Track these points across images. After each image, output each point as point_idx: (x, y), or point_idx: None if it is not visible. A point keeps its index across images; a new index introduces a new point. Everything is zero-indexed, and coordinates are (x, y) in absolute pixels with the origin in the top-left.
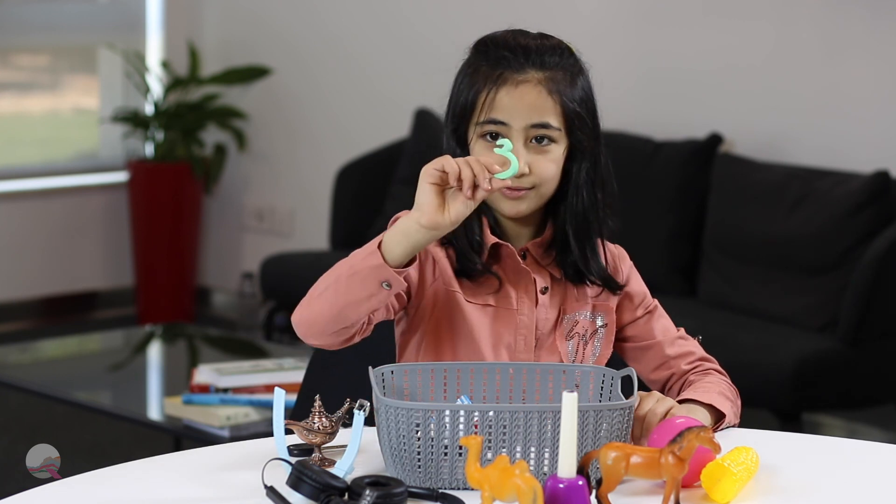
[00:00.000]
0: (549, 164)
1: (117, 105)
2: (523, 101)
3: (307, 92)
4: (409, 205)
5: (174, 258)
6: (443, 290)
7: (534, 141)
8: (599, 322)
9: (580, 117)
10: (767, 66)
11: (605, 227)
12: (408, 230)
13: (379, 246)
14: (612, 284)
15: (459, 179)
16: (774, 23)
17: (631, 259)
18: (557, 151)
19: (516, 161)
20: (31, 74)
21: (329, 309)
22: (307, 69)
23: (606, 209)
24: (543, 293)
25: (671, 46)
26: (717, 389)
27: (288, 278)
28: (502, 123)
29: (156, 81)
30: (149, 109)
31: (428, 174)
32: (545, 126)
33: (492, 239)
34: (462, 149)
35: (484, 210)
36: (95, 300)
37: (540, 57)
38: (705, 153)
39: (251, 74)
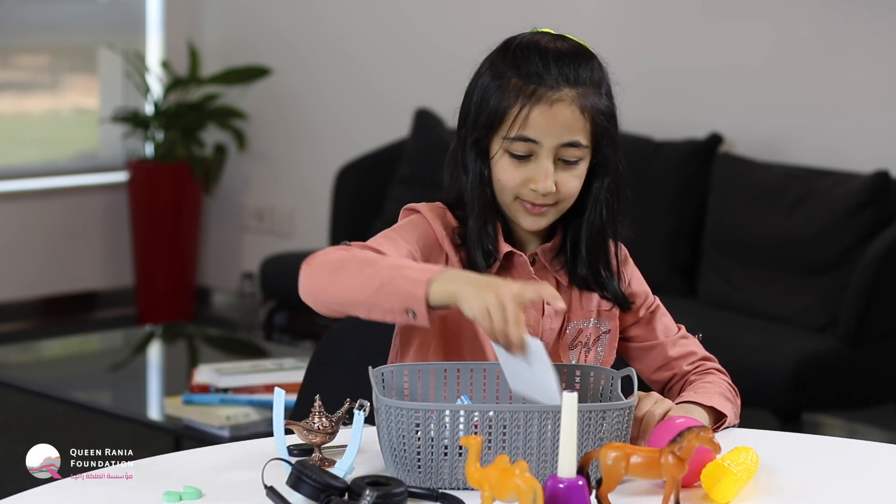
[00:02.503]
0: (575, 180)
1: (117, 105)
2: (557, 121)
3: (307, 92)
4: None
5: (174, 258)
6: None
7: (562, 158)
8: (603, 328)
9: (607, 132)
10: (767, 66)
11: (620, 235)
12: (446, 290)
13: (428, 282)
14: (623, 304)
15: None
16: (774, 23)
17: (631, 258)
18: (583, 167)
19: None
20: (31, 74)
21: (343, 294)
22: (307, 69)
23: (622, 217)
24: (549, 303)
25: (671, 46)
26: (717, 390)
27: (288, 278)
28: (533, 141)
29: (156, 81)
30: (149, 109)
31: (495, 311)
32: (575, 145)
33: (506, 247)
34: (483, 160)
35: (498, 215)
36: (95, 300)
37: (574, 71)
38: (705, 153)
39: (251, 74)
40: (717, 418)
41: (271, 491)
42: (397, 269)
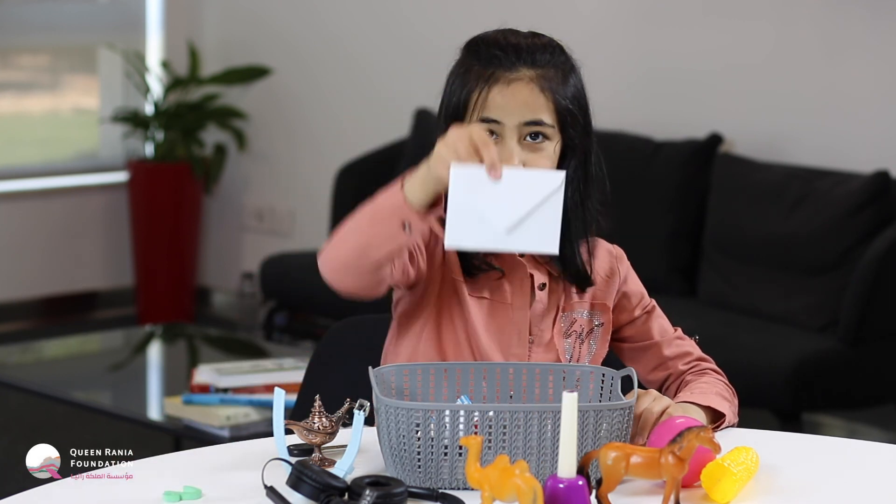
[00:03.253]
0: (544, 161)
1: (117, 105)
2: (516, 99)
3: (307, 92)
4: None
5: (174, 258)
6: (449, 278)
7: (528, 138)
8: (596, 321)
9: (573, 115)
10: (767, 66)
11: (595, 224)
12: (423, 176)
13: (402, 188)
14: (582, 280)
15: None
16: (774, 23)
17: (630, 259)
18: (551, 148)
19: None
20: (31, 74)
21: (353, 248)
22: (307, 69)
23: (597, 206)
24: (541, 289)
25: (671, 46)
26: (714, 390)
27: (288, 278)
28: (495, 122)
29: (156, 81)
30: (149, 109)
31: (460, 145)
32: (539, 123)
33: None
34: None
35: None
36: (95, 300)
37: (531, 55)
38: (705, 153)
39: (251, 74)
40: (715, 418)
41: (271, 491)
42: (375, 200)
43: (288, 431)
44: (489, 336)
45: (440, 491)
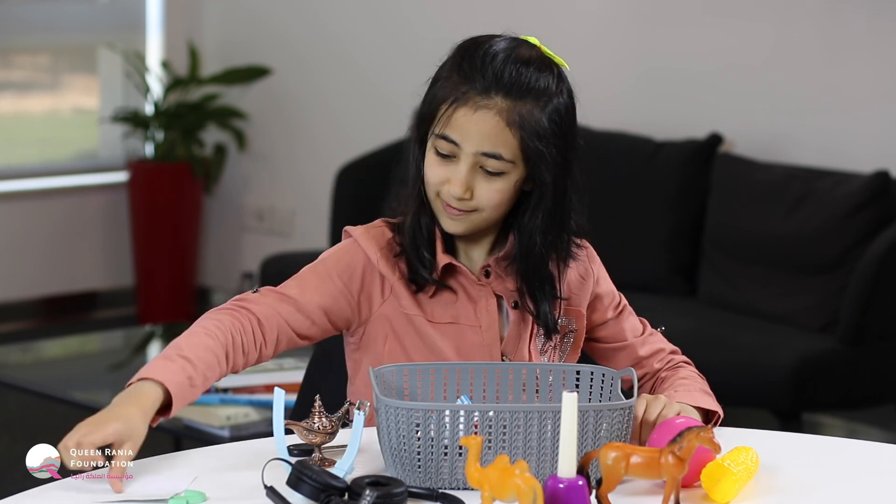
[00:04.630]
0: (494, 192)
1: (117, 105)
2: (477, 128)
3: (307, 92)
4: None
5: (174, 258)
6: (398, 313)
7: (482, 167)
8: (571, 327)
9: (539, 153)
10: (767, 66)
11: (562, 254)
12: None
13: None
14: (550, 330)
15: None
16: (774, 23)
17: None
18: (506, 181)
19: None
20: (31, 74)
21: None
22: (307, 69)
23: (567, 236)
24: (515, 308)
25: (671, 46)
26: (697, 387)
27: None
28: (454, 143)
29: (156, 81)
30: (149, 109)
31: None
32: (496, 157)
33: (444, 259)
34: (421, 151)
35: (438, 224)
36: (95, 300)
37: (511, 84)
38: (705, 153)
39: (251, 74)
40: (704, 412)
41: (271, 491)
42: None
43: (288, 431)
44: (460, 360)
45: (440, 491)
